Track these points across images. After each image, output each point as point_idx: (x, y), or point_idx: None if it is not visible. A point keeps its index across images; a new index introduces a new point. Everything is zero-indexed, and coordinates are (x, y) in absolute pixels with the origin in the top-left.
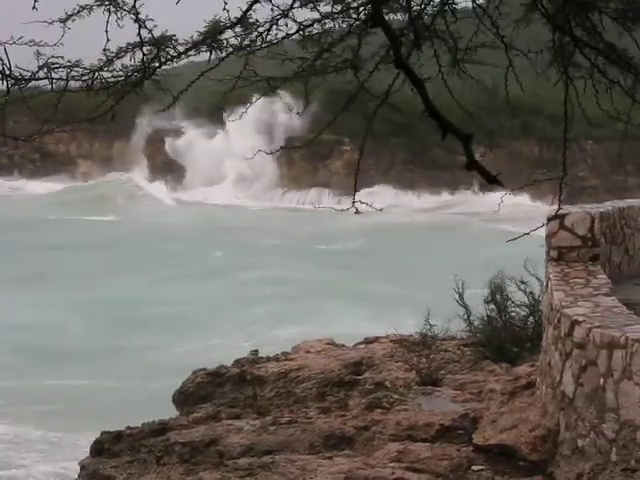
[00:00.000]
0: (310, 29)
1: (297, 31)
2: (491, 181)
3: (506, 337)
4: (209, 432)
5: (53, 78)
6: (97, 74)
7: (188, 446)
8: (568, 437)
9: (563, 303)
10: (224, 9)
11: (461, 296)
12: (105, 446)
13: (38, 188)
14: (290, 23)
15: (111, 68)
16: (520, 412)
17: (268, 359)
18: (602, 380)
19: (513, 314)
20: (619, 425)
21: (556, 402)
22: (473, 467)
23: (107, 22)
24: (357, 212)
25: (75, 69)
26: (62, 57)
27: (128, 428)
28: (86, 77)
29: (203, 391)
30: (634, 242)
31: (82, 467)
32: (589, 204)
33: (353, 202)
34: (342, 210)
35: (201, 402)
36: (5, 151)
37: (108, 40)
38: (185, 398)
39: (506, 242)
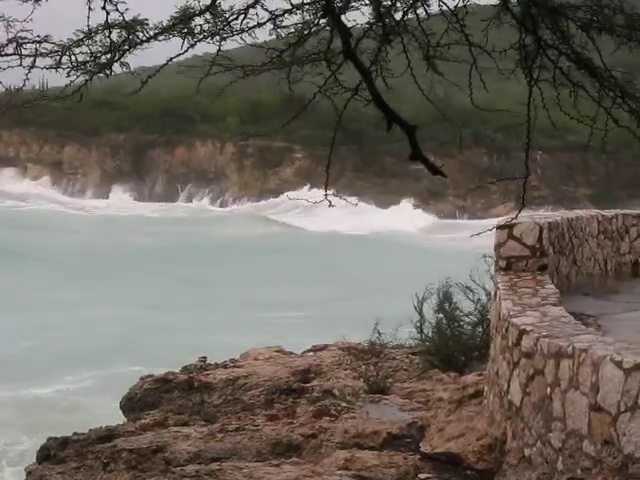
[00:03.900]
0: (281, 19)
1: (268, 20)
2: (435, 172)
3: (454, 346)
4: (156, 439)
5: (22, 54)
6: (67, 52)
7: (135, 453)
8: (515, 446)
9: (511, 312)
10: None
11: (420, 303)
12: (51, 452)
13: None
14: (262, 12)
15: (82, 47)
16: (467, 421)
17: (216, 366)
18: (549, 389)
19: (462, 323)
20: (565, 434)
21: (503, 411)
22: (420, 475)
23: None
24: (330, 205)
25: (44, 45)
26: (31, 31)
27: (75, 434)
28: (54, 54)
29: (150, 397)
30: (582, 252)
31: (28, 473)
32: (538, 214)
33: (325, 195)
34: (315, 203)
35: (148, 408)
36: None
37: (89, 18)
38: (132, 404)
39: (470, 236)
